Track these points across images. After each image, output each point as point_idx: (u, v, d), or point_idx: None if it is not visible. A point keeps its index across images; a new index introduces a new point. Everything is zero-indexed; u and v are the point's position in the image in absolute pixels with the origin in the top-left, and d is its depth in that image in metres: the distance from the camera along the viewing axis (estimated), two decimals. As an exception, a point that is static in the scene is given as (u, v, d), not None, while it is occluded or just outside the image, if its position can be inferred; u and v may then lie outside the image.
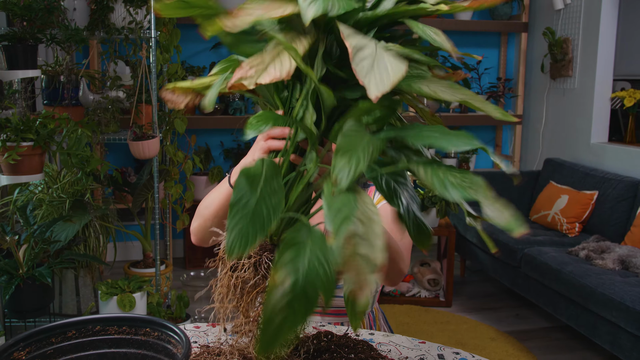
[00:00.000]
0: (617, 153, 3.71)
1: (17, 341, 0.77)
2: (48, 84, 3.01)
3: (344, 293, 0.57)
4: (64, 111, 2.89)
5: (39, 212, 2.75)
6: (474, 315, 3.41)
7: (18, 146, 2.40)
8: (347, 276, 0.56)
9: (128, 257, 4.16)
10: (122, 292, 2.77)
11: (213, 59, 4.30)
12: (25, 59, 2.61)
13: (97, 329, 0.84)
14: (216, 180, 4.15)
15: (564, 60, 4.15)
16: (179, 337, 0.80)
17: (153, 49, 2.88)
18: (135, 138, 2.87)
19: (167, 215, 3.61)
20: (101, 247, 2.92)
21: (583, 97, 4.05)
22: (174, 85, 0.95)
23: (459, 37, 4.70)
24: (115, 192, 3.49)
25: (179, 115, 3.21)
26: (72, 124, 2.60)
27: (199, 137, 4.31)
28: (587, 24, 3.99)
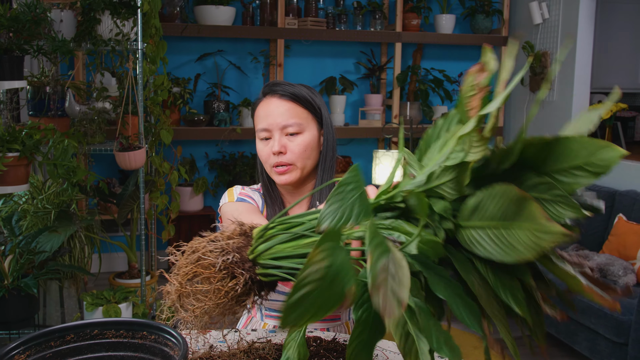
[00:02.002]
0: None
1: (18, 344, 0.79)
2: (34, 94, 3.01)
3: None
4: (50, 122, 2.89)
5: (24, 223, 2.74)
6: (457, 324, 3.45)
7: (4, 157, 2.40)
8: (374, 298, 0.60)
9: (113, 268, 4.15)
10: (108, 302, 2.76)
11: (198, 70, 4.33)
12: (12, 69, 2.61)
13: (94, 332, 0.86)
14: (201, 192, 4.16)
15: (542, 73, 4.25)
16: (176, 339, 0.83)
17: (140, 61, 2.90)
18: (121, 149, 2.88)
19: (152, 226, 3.62)
20: (86, 258, 2.92)
21: (561, 109, 4.15)
22: None
23: (440, 51, 4.80)
24: (100, 203, 3.49)
25: (164, 126, 3.23)
26: (58, 134, 2.60)
27: (184, 148, 4.32)
28: (565, 38, 4.10)
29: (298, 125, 1.36)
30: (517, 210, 0.66)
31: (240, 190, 1.46)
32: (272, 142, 1.35)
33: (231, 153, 4.43)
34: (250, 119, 4.21)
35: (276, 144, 1.34)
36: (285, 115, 1.35)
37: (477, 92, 0.72)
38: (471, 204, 0.72)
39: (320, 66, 4.58)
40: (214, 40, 4.31)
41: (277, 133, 1.35)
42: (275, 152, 1.35)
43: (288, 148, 1.35)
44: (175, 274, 0.92)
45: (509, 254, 0.67)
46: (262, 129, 1.37)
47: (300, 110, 1.37)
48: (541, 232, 0.63)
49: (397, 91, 4.50)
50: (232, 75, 4.42)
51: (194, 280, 0.89)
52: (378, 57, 4.67)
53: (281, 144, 1.35)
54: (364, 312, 0.71)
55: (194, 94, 4.27)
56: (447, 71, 4.70)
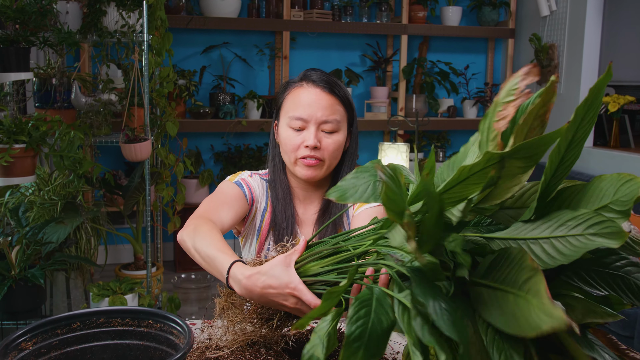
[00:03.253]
0: (601, 157, 3.79)
1: (25, 332, 0.80)
2: (40, 86, 3.02)
3: None
4: (56, 114, 2.90)
5: (31, 214, 2.75)
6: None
7: (10, 148, 2.41)
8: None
9: (119, 259, 4.17)
10: (114, 293, 2.78)
11: (204, 62, 4.33)
12: (18, 61, 2.61)
13: (100, 321, 0.87)
14: (207, 184, 4.17)
15: (550, 66, 4.22)
16: (181, 328, 0.83)
17: (145, 53, 2.90)
18: (127, 141, 2.89)
19: (158, 217, 3.63)
20: (92, 250, 2.93)
21: (568, 102, 4.13)
22: None
23: (447, 43, 4.77)
24: (106, 195, 3.50)
25: (170, 118, 3.24)
26: (64, 126, 2.61)
27: (190, 141, 4.33)
28: (573, 31, 4.08)
29: (337, 123, 1.34)
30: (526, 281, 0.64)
31: (246, 177, 1.43)
32: (306, 134, 1.32)
33: (236, 145, 4.43)
34: (256, 111, 4.21)
35: (312, 138, 1.31)
36: (327, 111, 1.32)
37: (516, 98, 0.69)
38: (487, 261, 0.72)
39: (326, 58, 4.57)
40: (220, 33, 4.31)
41: (314, 126, 1.32)
42: (310, 146, 1.31)
43: (322, 144, 1.33)
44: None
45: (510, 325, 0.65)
46: (297, 117, 1.33)
47: (340, 108, 1.35)
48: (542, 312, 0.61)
49: (403, 84, 4.48)
50: (237, 68, 4.42)
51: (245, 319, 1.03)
52: (384, 50, 4.65)
53: (317, 138, 1.32)
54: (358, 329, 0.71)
55: (199, 86, 4.27)
56: (454, 64, 4.68)
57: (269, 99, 4.30)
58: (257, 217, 1.43)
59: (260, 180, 1.46)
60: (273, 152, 1.44)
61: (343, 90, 1.37)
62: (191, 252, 1.19)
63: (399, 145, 3.49)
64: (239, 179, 1.43)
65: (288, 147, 1.35)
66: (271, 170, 1.44)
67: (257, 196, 1.43)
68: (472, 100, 4.68)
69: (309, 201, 1.44)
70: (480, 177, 0.68)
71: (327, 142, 1.33)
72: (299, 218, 1.43)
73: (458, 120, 4.61)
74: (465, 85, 4.76)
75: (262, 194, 1.44)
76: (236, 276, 1.01)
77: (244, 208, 1.39)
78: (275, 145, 1.44)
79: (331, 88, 1.34)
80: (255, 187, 1.43)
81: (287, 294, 0.94)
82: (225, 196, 1.37)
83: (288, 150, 1.35)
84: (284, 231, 1.39)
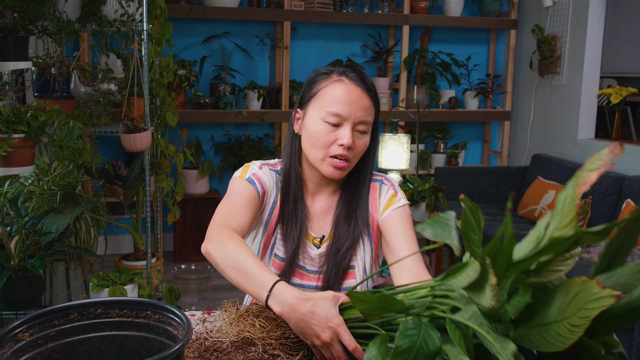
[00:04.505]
0: (603, 149, 3.77)
1: (22, 322, 0.79)
2: (39, 76, 3.00)
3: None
4: (55, 103, 2.88)
5: (30, 205, 2.74)
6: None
7: (9, 138, 2.40)
8: None
9: (118, 250, 4.16)
10: (114, 284, 2.77)
11: (204, 52, 4.30)
12: (16, 50, 2.59)
13: (98, 312, 0.86)
14: (207, 174, 4.15)
15: (552, 57, 4.20)
16: (180, 319, 0.82)
17: (145, 42, 2.88)
18: (127, 131, 2.87)
19: (158, 208, 3.62)
20: (92, 240, 2.93)
21: (570, 93, 4.10)
22: None
23: (448, 34, 4.74)
24: (106, 185, 3.49)
25: (170, 108, 3.22)
26: (63, 116, 2.59)
27: (190, 131, 4.31)
28: (575, 22, 4.05)
29: (369, 125, 1.32)
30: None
31: (256, 170, 1.38)
32: (342, 132, 1.28)
33: (237, 136, 4.42)
34: (256, 102, 4.19)
35: (348, 137, 1.28)
36: (365, 112, 1.30)
37: (599, 167, 0.72)
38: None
39: (327, 49, 4.54)
40: (220, 22, 4.28)
41: (350, 125, 1.29)
42: (345, 145, 1.28)
43: (354, 144, 1.30)
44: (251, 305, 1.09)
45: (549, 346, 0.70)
46: (336, 113, 1.28)
47: (374, 111, 1.34)
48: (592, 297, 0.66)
49: (404, 75, 4.46)
50: (238, 58, 4.39)
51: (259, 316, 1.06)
52: (385, 40, 4.62)
53: (352, 138, 1.29)
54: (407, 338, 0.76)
55: (199, 77, 4.25)
56: (455, 54, 4.65)
57: (270, 90, 4.28)
58: (266, 210, 1.40)
59: (270, 171, 1.41)
60: (291, 142, 1.39)
61: (377, 93, 1.36)
62: (220, 267, 1.17)
63: (399, 136, 3.47)
64: (250, 175, 1.37)
65: (319, 142, 1.30)
66: (286, 161, 1.40)
67: (268, 189, 1.39)
68: (474, 92, 4.65)
69: (319, 194, 1.41)
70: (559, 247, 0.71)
71: (358, 144, 1.31)
72: (307, 210, 1.41)
73: (459, 111, 4.59)
74: (466, 76, 4.74)
75: (272, 186, 1.40)
76: (282, 295, 1.03)
77: (258, 207, 1.36)
78: (294, 136, 1.39)
79: (370, 89, 1.32)
80: (265, 180, 1.38)
81: (328, 326, 0.97)
82: (241, 199, 1.33)
83: (319, 146, 1.30)
84: (294, 226, 1.37)
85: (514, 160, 4.77)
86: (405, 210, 1.39)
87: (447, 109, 4.61)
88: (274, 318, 1.05)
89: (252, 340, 1.05)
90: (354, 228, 1.37)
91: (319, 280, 1.38)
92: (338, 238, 1.37)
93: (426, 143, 4.79)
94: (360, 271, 1.39)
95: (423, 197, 3.39)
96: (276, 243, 1.40)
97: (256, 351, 1.02)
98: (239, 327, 1.06)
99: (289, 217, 1.38)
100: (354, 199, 1.39)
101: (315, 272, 1.39)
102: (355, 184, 1.40)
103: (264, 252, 1.42)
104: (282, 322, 1.05)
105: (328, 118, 1.28)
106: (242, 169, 1.40)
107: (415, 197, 3.38)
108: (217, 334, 1.11)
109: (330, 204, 1.42)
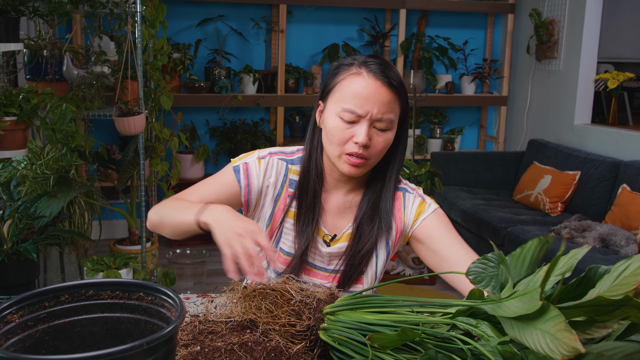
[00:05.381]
0: (599, 134, 3.76)
1: (11, 304, 0.77)
2: (31, 58, 2.96)
3: None
4: (48, 86, 2.85)
5: (23, 189, 2.72)
6: (457, 293, 3.46)
7: (1, 120, 2.37)
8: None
9: (113, 235, 4.15)
10: (108, 268, 2.76)
11: (199, 36, 4.25)
12: (7, 31, 2.55)
13: (90, 293, 0.84)
14: (202, 159, 4.13)
15: (549, 41, 4.17)
16: (173, 300, 0.81)
17: (138, 24, 2.84)
18: (120, 114, 2.84)
19: (153, 192, 3.60)
20: (86, 224, 2.91)
21: (567, 78, 4.08)
22: None
23: (446, 18, 4.70)
24: (100, 169, 3.46)
25: (164, 91, 3.18)
26: (56, 99, 2.56)
27: (185, 115, 4.28)
28: (573, 6, 4.01)
29: (390, 122, 1.23)
30: None
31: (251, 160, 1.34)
32: (358, 129, 1.21)
33: (232, 120, 4.38)
34: (252, 86, 4.15)
35: (364, 135, 1.20)
36: (385, 108, 1.21)
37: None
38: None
39: (323, 33, 4.50)
40: (215, 5, 4.23)
41: (367, 122, 1.21)
42: (361, 143, 1.21)
43: (372, 142, 1.22)
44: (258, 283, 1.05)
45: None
46: (351, 110, 1.20)
47: (397, 106, 1.24)
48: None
49: (401, 59, 4.42)
50: (233, 42, 4.35)
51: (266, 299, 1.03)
52: (382, 24, 4.58)
53: (369, 136, 1.21)
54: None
55: (194, 60, 4.20)
56: (452, 39, 4.61)
57: (265, 74, 4.24)
58: (267, 203, 1.35)
59: (279, 161, 1.35)
60: (312, 134, 1.34)
61: (403, 86, 1.25)
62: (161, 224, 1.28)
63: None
64: (239, 164, 1.34)
65: (335, 139, 1.24)
66: (307, 153, 1.34)
67: (258, 183, 1.34)
68: (471, 77, 4.63)
69: (337, 190, 1.35)
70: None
71: (377, 141, 1.23)
72: (323, 209, 1.35)
73: (456, 96, 4.56)
74: (463, 61, 4.71)
75: (276, 177, 1.34)
76: (216, 209, 1.14)
77: (234, 196, 1.33)
78: (315, 127, 1.34)
79: (392, 83, 1.22)
80: (254, 175, 1.33)
81: (249, 228, 1.06)
82: (214, 180, 1.34)
83: (334, 142, 1.24)
84: (310, 222, 1.31)
85: (510, 145, 4.75)
86: (440, 213, 1.34)
87: (443, 93, 4.59)
88: (281, 303, 1.03)
89: (254, 322, 1.04)
90: (377, 230, 1.31)
91: (333, 280, 1.34)
92: (359, 239, 1.31)
93: (422, 128, 4.77)
94: (369, 277, 1.34)
95: (419, 181, 3.38)
96: (282, 237, 1.35)
97: (252, 334, 1.01)
98: (245, 307, 1.04)
99: (306, 213, 1.32)
100: (378, 201, 1.32)
101: (323, 269, 1.35)
102: (380, 184, 1.33)
103: None
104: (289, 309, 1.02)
105: (343, 115, 1.21)
106: (246, 153, 1.38)
107: (411, 182, 3.37)
108: (218, 314, 1.09)
109: (349, 203, 1.35)
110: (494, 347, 0.71)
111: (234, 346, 0.96)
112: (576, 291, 0.72)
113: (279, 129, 4.31)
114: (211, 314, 1.11)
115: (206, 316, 1.11)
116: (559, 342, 0.63)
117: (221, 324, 1.07)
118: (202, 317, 1.11)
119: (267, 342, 0.97)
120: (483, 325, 0.75)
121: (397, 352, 0.83)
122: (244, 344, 0.96)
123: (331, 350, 0.98)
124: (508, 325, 0.70)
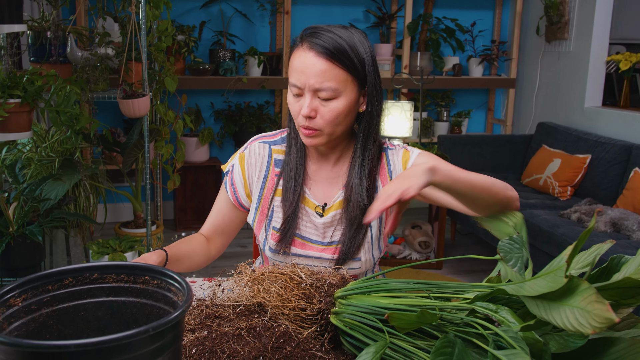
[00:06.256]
0: (610, 117, 3.71)
1: (14, 287, 0.75)
2: (34, 40, 2.92)
3: None
4: (52, 68, 2.82)
5: (28, 172, 2.70)
6: (465, 277, 3.44)
7: (5, 103, 2.34)
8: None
9: (118, 218, 4.14)
10: (114, 251, 2.75)
11: (203, 17, 4.20)
12: (10, 12, 2.51)
13: (94, 277, 0.82)
14: (207, 142, 4.10)
15: (560, 22, 4.10)
16: (180, 284, 0.78)
17: (142, 5, 2.80)
18: (125, 96, 2.81)
19: (158, 175, 3.58)
20: (91, 207, 2.89)
21: (578, 60, 4.02)
22: None
23: (454, -2, 4.63)
24: (105, 152, 3.44)
25: (169, 73, 3.15)
26: (60, 81, 2.53)
27: (189, 98, 4.24)
28: (585, -14, 3.94)
29: (332, 90, 1.21)
30: None
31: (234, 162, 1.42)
32: (303, 101, 1.23)
33: (237, 103, 4.35)
34: (257, 68, 4.12)
35: (305, 107, 1.22)
36: (320, 78, 1.20)
37: None
38: None
39: (329, 14, 4.43)
40: (220, -14, 4.17)
41: (309, 94, 1.22)
42: (304, 115, 1.22)
43: (318, 112, 1.23)
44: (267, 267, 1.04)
45: None
46: (292, 84, 1.24)
47: (338, 72, 1.20)
48: None
49: (408, 41, 4.36)
50: (238, 23, 4.29)
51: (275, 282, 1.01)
52: (388, 5, 4.51)
53: (311, 107, 1.22)
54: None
55: (199, 43, 4.16)
56: (460, 20, 4.54)
57: (270, 56, 4.19)
58: (255, 190, 1.40)
59: (260, 145, 1.41)
60: (289, 115, 1.38)
61: (344, 48, 1.21)
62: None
63: (402, 103, 3.41)
64: (228, 168, 1.43)
65: (292, 113, 1.30)
66: (289, 129, 1.39)
67: (244, 182, 1.40)
68: (479, 59, 4.56)
69: (324, 159, 1.37)
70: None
71: (323, 111, 1.23)
72: (309, 177, 1.37)
73: (463, 79, 4.51)
74: (471, 42, 4.64)
75: (263, 161, 1.39)
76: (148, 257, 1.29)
77: (233, 206, 1.43)
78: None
79: (326, 48, 1.19)
80: (237, 179, 1.40)
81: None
82: (217, 200, 1.46)
83: (293, 117, 1.30)
84: (292, 190, 1.34)
85: (519, 128, 4.70)
86: (426, 152, 1.35)
87: (450, 76, 4.53)
88: (291, 287, 1.01)
89: (262, 307, 1.02)
90: (366, 196, 1.32)
91: (334, 252, 1.34)
92: (349, 204, 1.32)
93: (429, 111, 4.72)
94: (366, 247, 1.34)
95: (426, 165, 3.34)
96: (273, 215, 1.37)
97: (261, 318, 0.99)
98: (254, 291, 1.02)
99: (288, 181, 1.35)
100: (362, 166, 1.33)
101: (319, 242, 1.35)
102: (359, 151, 1.34)
103: (259, 227, 1.39)
104: (299, 292, 1.00)
105: (292, 89, 1.25)
106: (232, 156, 1.45)
107: (419, 165, 3.34)
108: (226, 298, 1.07)
109: (337, 172, 1.37)
110: (516, 333, 0.68)
111: (242, 331, 0.93)
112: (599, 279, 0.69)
113: (284, 112, 4.27)
114: (218, 298, 1.09)
115: (213, 300, 1.09)
116: (590, 315, 0.61)
117: (229, 308, 1.05)
118: (209, 301, 1.09)
119: (276, 327, 0.95)
120: (503, 310, 0.72)
121: (413, 337, 0.80)
122: (252, 328, 0.94)
123: (342, 335, 0.95)
124: (533, 305, 0.67)
